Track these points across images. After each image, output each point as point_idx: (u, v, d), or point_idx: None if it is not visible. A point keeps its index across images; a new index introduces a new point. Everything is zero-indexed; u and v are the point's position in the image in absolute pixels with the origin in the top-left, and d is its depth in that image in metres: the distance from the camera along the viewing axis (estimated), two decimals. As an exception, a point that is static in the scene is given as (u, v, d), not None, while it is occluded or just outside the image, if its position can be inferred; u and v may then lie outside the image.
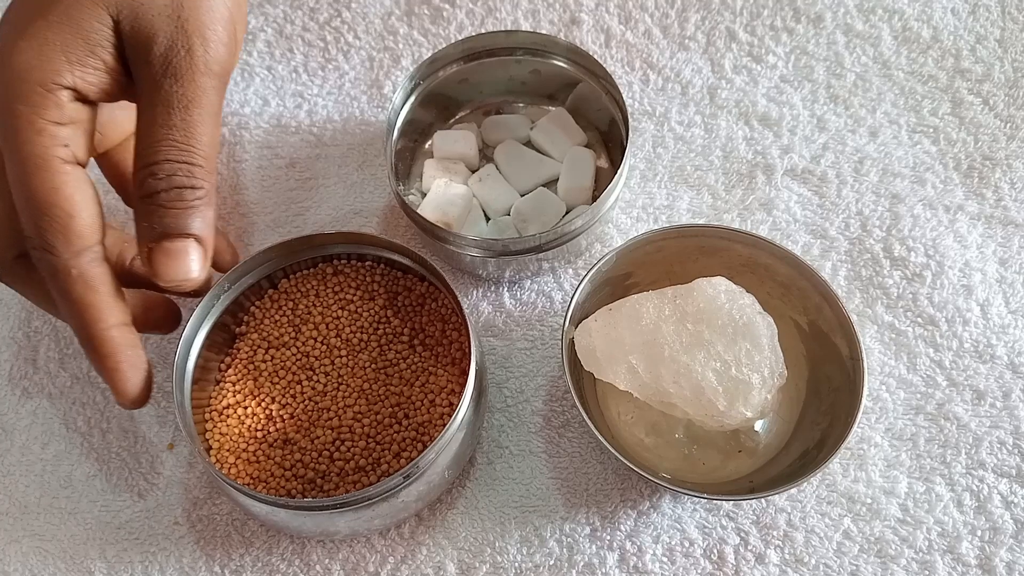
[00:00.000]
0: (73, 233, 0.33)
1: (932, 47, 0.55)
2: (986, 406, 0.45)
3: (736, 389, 0.39)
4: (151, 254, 0.34)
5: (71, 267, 0.33)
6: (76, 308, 0.34)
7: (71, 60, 0.33)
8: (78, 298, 0.34)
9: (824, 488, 0.43)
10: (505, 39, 0.49)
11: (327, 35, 0.57)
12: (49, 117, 0.32)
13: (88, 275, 0.34)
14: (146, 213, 0.33)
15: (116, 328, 0.35)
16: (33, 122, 0.32)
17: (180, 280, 0.34)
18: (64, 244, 0.33)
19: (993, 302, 0.47)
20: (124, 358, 0.35)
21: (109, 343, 0.35)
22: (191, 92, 0.33)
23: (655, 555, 0.42)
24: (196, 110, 0.33)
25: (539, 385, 0.46)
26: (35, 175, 0.32)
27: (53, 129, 0.32)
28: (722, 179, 0.51)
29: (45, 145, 0.32)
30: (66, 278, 0.33)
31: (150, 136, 0.33)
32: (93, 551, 0.44)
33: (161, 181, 0.33)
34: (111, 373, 0.35)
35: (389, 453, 0.40)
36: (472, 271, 0.48)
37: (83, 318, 0.34)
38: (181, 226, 0.33)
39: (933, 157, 0.51)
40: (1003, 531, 0.42)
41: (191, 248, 0.34)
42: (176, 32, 0.33)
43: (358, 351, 0.43)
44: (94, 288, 0.34)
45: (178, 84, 0.33)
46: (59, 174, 0.32)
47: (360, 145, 0.53)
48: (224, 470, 0.40)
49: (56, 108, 0.32)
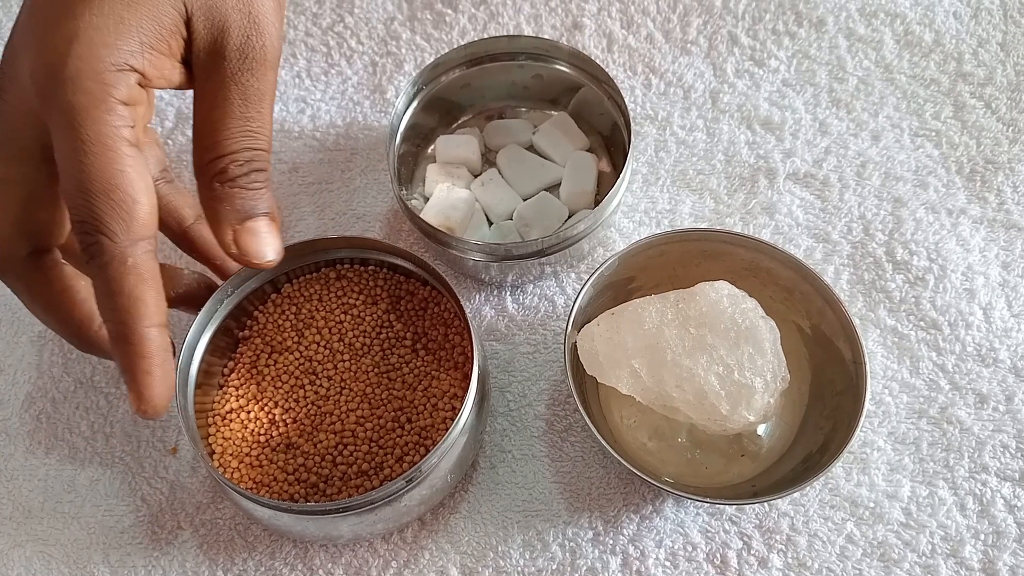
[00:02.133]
0: (136, 219, 0.32)
1: (934, 51, 0.55)
2: (989, 410, 0.45)
3: (739, 393, 0.39)
4: (237, 236, 0.35)
5: (128, 255, 0.32)
6: (124, 300, 0.32)
7: (143, 44, 0.32)
8: (129, 290, 0.32)
9: (827, 492, 0.43)
10: (508, 44, 0.50)
11: (330, 40, 0.57)
12: (119, 96, 0.32)
13: (142, 266, 0.33)
14: (227, 197, 0.35)
15: (157, 328, 0.33)
16: (104, 100, 0.31)
17: (263, 257, 0.36)
18: (125, 230, 0.32)
19: (996, 306, 0.47)
20: (159, 362, 0.33)
21: (149, 343, 0.33)
22: (264, 84, 0.35)
23: (658, 559, 0.42)
24: (267, 101, 0.35)
25: (542, 389, 0.46)
26: (102, 155, 0.31)
27: (122, 109, 0.32)
28: (724, 183, 0.51)
29: (115, 125, 0.32)
30: (120, 266, 0.32)
31: (228, 125, 0.34)
32: (96, 555, 0.44)
33: (242, 167, 0.35)
34: (144, 376, 0.33)
35: (392, 457, 0.40)
36: (475, 275, 0.48)
37: (129, 312, 0.32)
38: (260, 207, 0.36)
39: (935, 161, 0.51)
40: (1006, 535, 0.42)
41: (268, 226, 0.36)
42: (250, 26, 0.34)
43: (361, 355, 0.43)
44: (146, 280, 0.33)
45: (254, 77, 0.34)
46: (126, 156, 0.32)
47: (363, 150, 0.53)
48: (227, 474, 0.40)
49: (127, 88, 0.32)
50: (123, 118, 0.32)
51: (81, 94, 0.31)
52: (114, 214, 0.32)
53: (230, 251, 0.35)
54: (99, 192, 0.31)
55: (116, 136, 0.32)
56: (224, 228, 0.35)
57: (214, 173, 0.35)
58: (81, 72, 0.31)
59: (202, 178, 0.35)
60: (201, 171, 0.35)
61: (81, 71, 0.31)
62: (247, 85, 0.34)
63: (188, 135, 0.53)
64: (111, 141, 0.31)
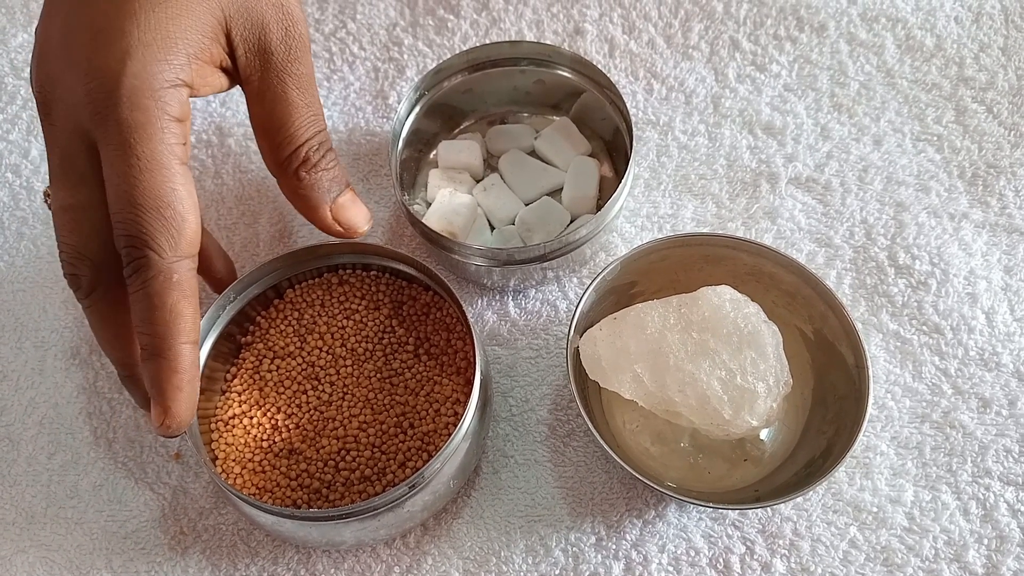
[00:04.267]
0: (184, 236, 0.33)
1: (936, 55, 0.55)
2: (992, 414, 0.45)
3: (741, 398, 0.39)
4: (336, 214, 0.38)
5: (174, 271, 0.33)
6: (166, 315, 0.33)
7: (189, 56, 0.33)
8: (172, 305, 0.33)
9: (830, 497, 0.43)
10: (509, 49, 0.50)
11: (332, 46, 0.57)
12: (173, 113, 0.32)
13: (185, 283, 0.33)
14: (316, 182, 0.38)
15: (191, 346, 0.34)
16: (159, 118, 0.32)
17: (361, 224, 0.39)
18: (173, 246, 0.32)
19: (998, 310, 0.47)
20: (189, 379, 0.34)
21: (184, 359, 0.33)
22: (309, 70, 0.36)
23: (661, 564, 0.42)
24: (314, 84, 0.37)
25: (544, 394, 0.46)
26: (155, 173, 0.32)
27: (175, 127, 0.32)
28: (726, 188, 0.51)
29: (168, 143, 0.32)
30: (166, 282, 0.32)
31: (296, 116, 0.36)
32: (99, 561, 0.44)
33: (318, 152, 0.37)
34: (174, 391, 0.33)
35: (394, 463, 0.40)
36: (477, 280, 0.48)
37: (169, 326, 0.33)
38: (342, 181, 0.39)
39: (937, 165, 0.51)
40: (1010, 539, 0.42)
41: (355, 197, 0.40)
42: (286, 18, 0.35)
43: (363, 361, 0.43)
44: (188, 297, 0.33)
45: (301, 64, 0.36)
46: (177, 174, 0.32)
47: (365, 155, 0.54)
48: (230, 480, 0.40)
49: (179, 105, 0.32)
50: (176, 135, 0.33)
51: (138, 112, 0.31)
52: (164, 231, 0.32)
53: (333, 230, 0.39)
54: (151, 208, 0.32)
55: (169, 153, 0.32)
56: (323, 211, 0.38)
57: (297, 164, 0.37)
58: (136, 90, 0.31)
59: (284, 173, 0.37)
60: (282, 167, 0.37)
61: (137, 89, 0.31)
62: (299, 74, 0.36)
63: (191, 140, 0.54)
64: (164, 159, 0.32)
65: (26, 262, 0.51)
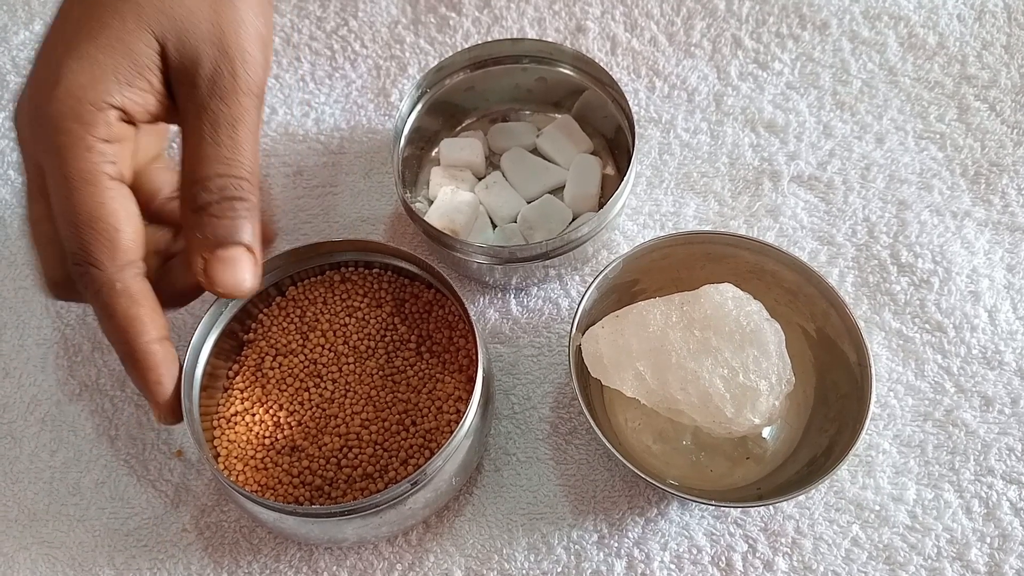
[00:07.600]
0: (119, 247, 0.34)
1: (938, 53, 0.55)
2: (994, 412, 0.45)
3: (744, 396, 0.39)
4: (207, 264, 0.35)
5: (116, 280, 0.34)
6: (120, 322, 0.34)
7: (120, 81, 0.33)
8: (123, 312, 0.34)
9: (832, 495, 0.43)
10: (511, 47, 0.50)
11: (334, 44, 0.57)
12: (99, 135, 0.33)
13: (132, 289, 0.34)
14: (199, 225, 0.35)
15: (158, 342, 0.35)
16: (83, 139, 0.33)
17: (235, 287, 0.35)
18: (110, 258, 0.33)
19: (1001, 308, 0.47)
20: (167, 371, 0.36)
21: (152, 356, 0.35)
22: (236, 111, 0.35)
23: (663, 562, 0.42)
24: (241, 128, 0.35)
25: (546, 392, 0.46)
26: (83, 190, 0.33)
27: (102, 147, 0.33)
28: (728, 186, 0.51)
29: (94, 161, 0.33)
30: (111, 292, 0.34)
31: (200, 153, 0.34)
32: (101, 558, 0.44)
33: (213, 194, 0.34)
34: (154, 387, 0.35)
35: (396, 460, 0.40)
36: (479, 278, 0.48)
37: (127, 332, 0.34)
38: (233, 235, 0.35)
39: (940, 163, 0.51)
40: (1012, 538, 0.42)
41: (243, 256, 0.35)
42: (219, 56, 0.34)
43: (365, 358, 0.43)
44: (138, 302, 0.34)
45: (224, 104, 0.34)
46: (106, 190, 0.33)
47: (367, 153, 0.54)
48: (232, 477, 0.40)
49: (105, 126, 0.33)
50: (104, 154, 0.33)
51: (63, 134, 0.33)
52: (98, 244, 0.33)
53: (198, 279, 0.35)
54: (83, 224, 0.33)
55: (97, 172, 0.33)
56: (193, 256, 0.35)
57: (186, 202, 0.35)
58: (62, 114, 0.33)
59: (181, 208, 0.35)
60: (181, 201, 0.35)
61: (62, 113, 0.33)
62: (217, 112, 0.34)
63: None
64: (92, 176, 0.33)
65: (28, 260, 0.51)
